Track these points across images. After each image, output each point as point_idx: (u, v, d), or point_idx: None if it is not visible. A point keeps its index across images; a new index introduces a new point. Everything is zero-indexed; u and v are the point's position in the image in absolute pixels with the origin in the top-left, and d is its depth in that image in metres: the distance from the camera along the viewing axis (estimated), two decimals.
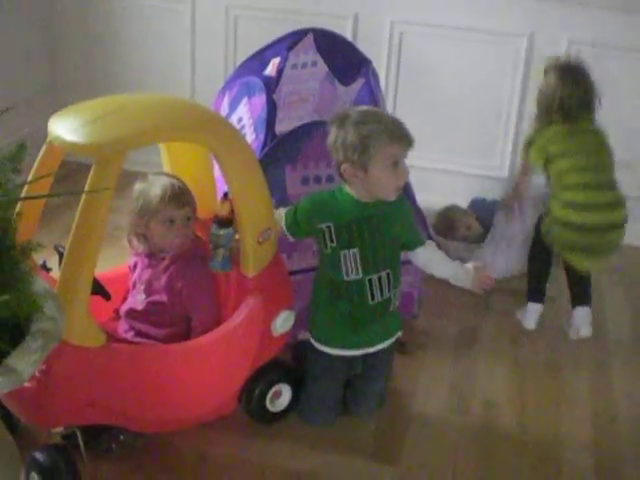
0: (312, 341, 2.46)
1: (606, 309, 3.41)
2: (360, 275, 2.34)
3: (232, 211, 2.25)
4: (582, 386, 2.84)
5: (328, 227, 2.32)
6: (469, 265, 2.48)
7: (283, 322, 2.42)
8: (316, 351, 2.46)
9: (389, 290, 2.38)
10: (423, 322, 3.14)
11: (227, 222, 2.24)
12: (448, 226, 3.72)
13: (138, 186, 2.37)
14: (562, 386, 2.84)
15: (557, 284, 3.35)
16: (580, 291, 3.19)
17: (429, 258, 2.48)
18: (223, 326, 2.31)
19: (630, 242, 3.94)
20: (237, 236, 2.29)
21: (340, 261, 2.33)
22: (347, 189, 2.32)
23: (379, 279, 2.35)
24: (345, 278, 2.35)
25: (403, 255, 2.89)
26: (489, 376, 2.86)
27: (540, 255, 3.22)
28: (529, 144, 3.18)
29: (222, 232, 2.26)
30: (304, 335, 2.55)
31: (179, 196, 2.33)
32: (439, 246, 2.63)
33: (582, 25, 3.77)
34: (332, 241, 2.33)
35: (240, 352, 2.36)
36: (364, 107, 2.35)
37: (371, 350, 2.46)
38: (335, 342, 2.44)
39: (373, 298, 2.36)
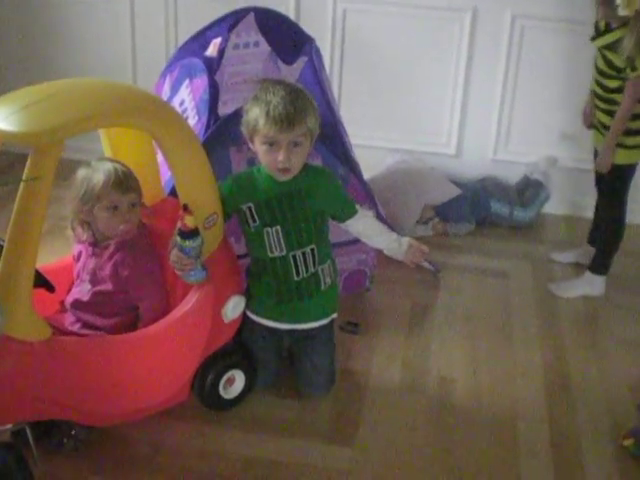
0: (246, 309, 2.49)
1: (556, 279, 3.43)
2: (284, 252, 2.36)
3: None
4: (535, 358, 2.86)
5: (249, 207, 2.34)
6: (406, 239, 2.50)
7: (234, 308, 2.38)
8: (247, 318, 2.50)
9: (314, 265, 2.40)
10: (375, 301, 3.14)
11: (194, 232, 2.15)
12: None
13: (81, 172, 2.31)
14: (515, 359, 2.84)
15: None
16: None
17: (362, 229, 2.50)
18: (172, 314, 2.27)
19: (580, 214, 3.99)
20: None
21: (264, 239, 2.35)
22: (264, 167, 2.34)
23: (303, 254, 2.37)
24: (269, 255, 2.37)
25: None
26: (443, 352, 2.86)
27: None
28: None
29: (193, 243, 2.15)
30: None
31: (123, 181, 2.28)
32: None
33: None
34: (254, 220, 2.35)
35: (191, 340, 2.32)
36: (269, 83, 2.30)
37: (299, 327, 2.49)
38: (261, 313, 2.48)
39: (298, 274, 2.38)
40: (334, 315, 2.55)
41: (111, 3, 4.07)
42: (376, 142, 4.00)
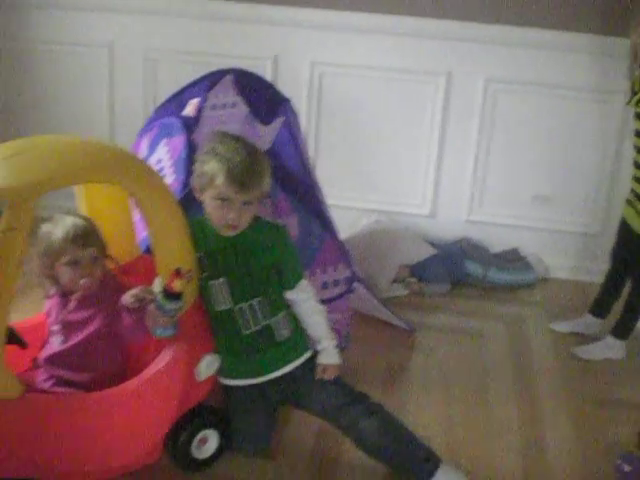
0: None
1: (530, 339, 3.45)
2: (229, 305, 2.33)
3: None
4: (511, 417, 2.85)
5: (199, 256, 2.32)
6: (335, 353, 2.44)
7: (207, 366, 2.36)
8: (222, 385, 2.46)
9: (264, 318, 2.35)
10: (350, 360, 3.10)
11: (178, 296, 2.15)
12: None
13: (43, 228, 2.30)
14: (491, 419, 2.83)
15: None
16: None
17: (300, 304, 2.42)
18: (145, 372, 2.24)
19: (553, 275, 4.02)
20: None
21: (210, 291, 2.33)
22: (210, 219, 2.33)
23: (250, 307, 2.34)
24: (217, 309, 2.34)
25: (330, 292, 2.87)
26: (418, 412, 2.83)
27: None
28: None
29: (175, 306, 2.15)
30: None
31: (82, 236, 2.27)
32: None
33: (498, 63, 3.86)
34: (203, 271, 2.33)
35: (163, 399, 2.28)
36: (230, 138, 2.30)
37: (265, 379, 2.41)
38: (226, 372, 2.43)
39: (247, 328, 2.34)
40: (307, 354, 2.44)
41: (90, 65, 4.11)
42: (351, 203, 4.03)
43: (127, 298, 2.19)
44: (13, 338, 2.13)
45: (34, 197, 1.94)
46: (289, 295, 2.41)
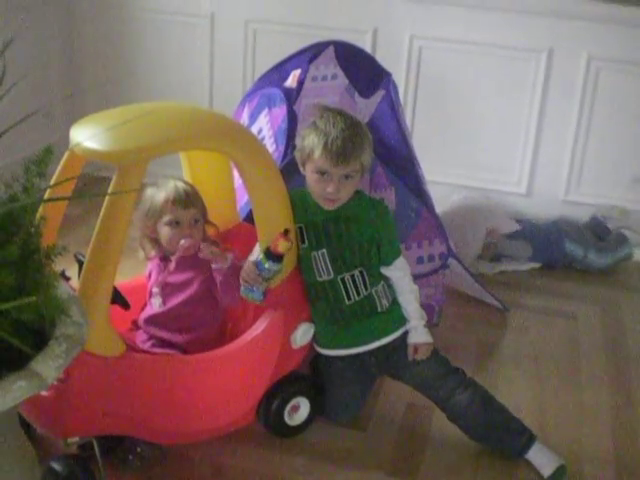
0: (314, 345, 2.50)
1: (626, 324, 3.38)
2: (331, 275, 2.35)
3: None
4: (603, 401, 2.81)
5: (300, 227, 2.35)
6: (425, 332, 2.43)
7: (302, 335, 2.40)
8: (316, 352, 2.50)
9: (366, 288, 2.37)
10: (442, 337, 3.09)
11: (279, 258, 2.18)
12: None
13: (147, 191, 2.38)
14: (582, 401, 2.80)
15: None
16: None
17: (394, 281, 2.44)
18: (242, 337, 2.29)
19: None
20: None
21: (311, 262, 2.35)
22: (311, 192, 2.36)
23: (352, 277, 2.35)
24: (318, 279, 2.36)
25: (424, 267, 2.87)
26: (510, 391, 2.81)
27: None
28: None
29: (273, 267, 2.18)
30: None
31: (184, 198, 2.33)
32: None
33: (601, 41, 3.76)
34: (303, 242, 2.35)
35: (259, 364, 2.33)
36: (330, 112, 2.31)
37: (366, 348, 2.43)
38: (324, 342, 2.47)
39: (349, 298, 2.36)
40: (404, 327, 2.44)
41: (191, 34, 4.17)
42: (445, 178, 3.99)
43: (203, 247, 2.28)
44: (118, 298, 2.18)
45: (143, 161, 1.99)
46: (385, 271, 2.42)
